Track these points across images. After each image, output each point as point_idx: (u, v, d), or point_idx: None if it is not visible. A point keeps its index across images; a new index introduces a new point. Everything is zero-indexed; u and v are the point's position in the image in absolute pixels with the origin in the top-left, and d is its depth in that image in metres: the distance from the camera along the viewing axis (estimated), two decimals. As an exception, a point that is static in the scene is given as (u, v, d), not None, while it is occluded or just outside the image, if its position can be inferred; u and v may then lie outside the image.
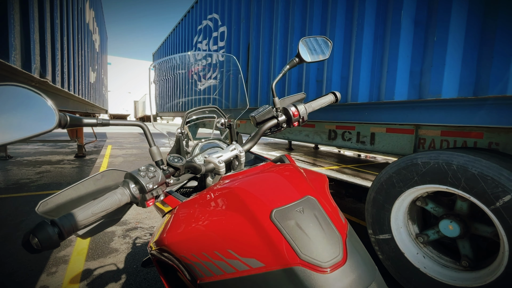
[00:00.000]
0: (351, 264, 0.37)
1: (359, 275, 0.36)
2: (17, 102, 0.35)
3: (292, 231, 0.38)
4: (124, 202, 0.45)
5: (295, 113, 0.74)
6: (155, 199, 0.49)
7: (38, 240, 0.35)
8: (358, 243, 0.42)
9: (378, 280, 0.38)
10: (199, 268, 0.43)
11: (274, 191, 0.44)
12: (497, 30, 1.24)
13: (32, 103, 0.36)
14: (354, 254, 0.38)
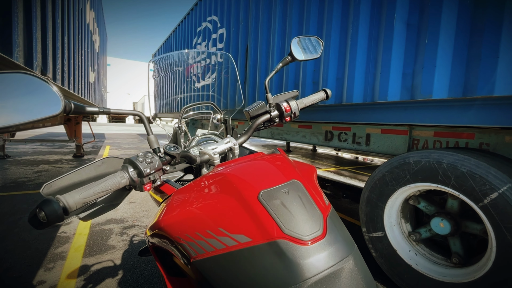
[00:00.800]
0: (330, 238, 0.40)
1: (337, 248, 0.40)
2: (26, 88, 0.38)
3: (277, 209, 0.41)
4: (123, 184, 0.48)
5: (287, 108, 0.78)
6: (152, 184, 0.52)
7: (45, 213, 0.38)
8: (338, 222, 0.45)
9: (355, 254, 0.41)
10: (192, 247, 0.46)
11: (262, 176, 0.47)
12: (484, 33, 1.29)
13: (40, 90, 0.39)
14: (333, 231, 0.42)
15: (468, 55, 1.37)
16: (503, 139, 1.69)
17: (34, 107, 0.39)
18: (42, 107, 0.39)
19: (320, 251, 0.38)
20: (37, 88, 0.39)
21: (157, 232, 0.57)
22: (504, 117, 1.28)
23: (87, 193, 0.43)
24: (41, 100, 0.39)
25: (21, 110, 0.38)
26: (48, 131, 12.22)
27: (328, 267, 0.37)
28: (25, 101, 0.38)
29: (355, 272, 0.39)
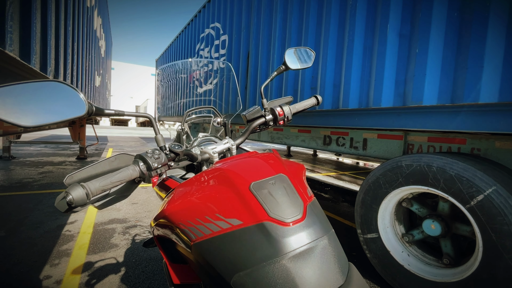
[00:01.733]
0: (308, 221, 0.47)
1: (314, 229, 0.47)
2: (58, 94, 0.46)
3: (265, 197, 0.48)
4: (135, 176, 0.55)
5: (280, 112, 0.86)
6: (159, 177, 0.60)
7: (72, 197, 0.46)
8: (318, 209, 0.52)
9: (330, 236, 0.48)
10: (192, 231, 0.53)
11: (254, 170, 0.55)
12: (470, 45, 1.37)
13: (69, 95, 0.48)
14: (312, 216, 0.49)
15: (456, 65, 1.45)
16: (493, 145, 1.76)
17: (64, 109, 0.47)
18: (70, 109, 0.47)
19: (299, 231, 0.45)
20: (67, 94, 0.47)
21: (161, 221, 0.65)
22: (489, 123, 1.35)
23: (105, 182, 0.50)
24: (70, 103, 0.47)
25: (54, 111, 0.46)
26: (52, 134, 12.38)
27: (304, 244, 0.44)
28: (57, 104, 0.46)
29: (328, 249, 0.46)
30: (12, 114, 0.42)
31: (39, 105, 0.45)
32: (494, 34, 1.29)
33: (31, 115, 0.44)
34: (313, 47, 2.44)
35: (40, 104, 0.45)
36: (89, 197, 0.48)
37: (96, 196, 0.52)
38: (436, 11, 1.52)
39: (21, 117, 0.43)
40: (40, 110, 0.45)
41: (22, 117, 0.43)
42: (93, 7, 3.41)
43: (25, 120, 0.43)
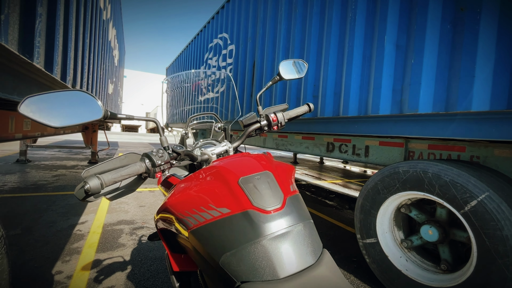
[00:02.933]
0: (287, 210, 0.54)
1: (291, 217, 0.54)
2: (80, 100, 0.56)
3: (250, 189, 0.56)
4: (141, 171, 0.64)
5: (274, 119, 0.94)
6: (162, 173, 0.68)
7: (89, 186, 0.54)
8: (298, 202, 0.59)
9: (306, 223, 0.55)
10: (190, 220, 0.61)
11: (243, 167, 0.62)
12: (462, 55, 1.43)
13: (89, 102, 0.57)
14: (291, 206, 0.56)
15: (449, 74, 1.50)
16: (492, 152, 1.78)
17: (85, 113, 0.56)
18: (90, 114, 0.57)
19: (277, 218, 0.53)
20: (87, 101, 0.57)
21: (163, 214, 0.73)
22: (481, 131, 1.39)
23: (116, 175, 0.59)
24: (90, 109, 0.57)
25: (77, 115, 0.55)
26: (65, 139, 12.81)
27: (282, 228, 0.51)
28: (79, 109, 0.56)
29: (302, 234, 0.53)
30: (44, 117, 0.52)
31: (65, 110, 0.55)
32: (484, 45, 1.35)
33: (59, 118, 0.53)
34: (315, 57, 2.54)
35: (66, 109, 0.54)
36: (103, 187, 0.57)
37: (108, 186, 0.61)
38: (430, 23, 1.59)
39: (51, 119, 0.52)
40: (66, 114, 0.54)
41: (52, 119, 0.52)
42: (109, 20, 3.63)
43: (54, 121, 0.53)
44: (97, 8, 2.53)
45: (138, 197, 3.69)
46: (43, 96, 0.52)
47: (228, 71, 4.53)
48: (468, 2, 1.42)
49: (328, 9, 2.37)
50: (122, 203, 3.37)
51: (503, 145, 1.71)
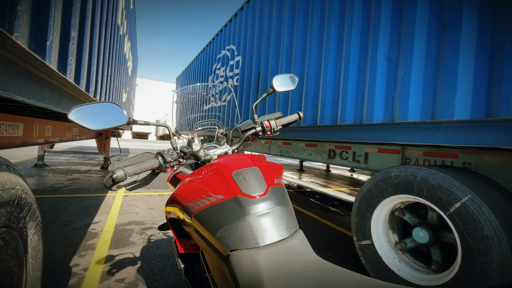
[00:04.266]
0: (268, 196, 0.68)
1: (272, 201, 0.68)
2: (110, 110, 0.73)
3: (240, 180, 0.70)
4: (155, 166, 0.80)
5: (267, 125, 1.09)
6: (171, 168, 0.84)
7: (116, 175, 0.70)
8: (280, 192, 0.73)
9: (284, 207, 0.68)
10: (193, 206, 0.76)
11: (237, 163, 0.77)
12: (446, 68, 1.56)
13: (117, 111, 0.74)
14: (272, 194, 0.70)
15: (434, 86, 1.63)
16: (482, 159, 1.87)
17: (114, 119, 0.73)
18: (117, 120, 0.74)
19: (260, 202, 0.67)
20: (116, 110, 0.74)
21: (171, 205, 0.88)
22: (464, 138, 1.50)
23: (136, 168, 0.75)
24: (117, 116, 0.74)
25: (108, 120, 0.72)
26: (78, 145, 13.30)
27: (263, 210, 0.65)
28: (110, 116, 0.72)
29: (280, 215, 0.66)
30: (85, 122, 0.68)
31: (100, 117, 0.71)
32: (464, 59, 1.48)
33: (95, 123, 0.70)
34: (315, 68, 2.69)
35: (100, 116, 0.71)
36: (126, 177, 0.72)
37: (128, 179, 0.77)
38: (417, 39, 1.72)
39: (90, 124, 0.69)
40: (100, 120, 0.71)
41: (91, 124, 0.69)
42: (125, 34, 3.91)
43: (92, 125, 0.69)
44: (115, 25, 2.78)
45: (147, 200, 3.87)
46: (84, 107, 0.69)
47: (234, 81, 4.74)
48: (450, 20, 1.56)
49: (327, 24, 2.54)
50: (133, 205, 3.55)
51: (493, 152, 1.80)
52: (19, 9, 0.70)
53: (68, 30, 1.17)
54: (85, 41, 1.45)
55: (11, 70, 0.81)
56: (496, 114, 1.34)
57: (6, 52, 0.74)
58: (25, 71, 0.90)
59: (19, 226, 0.84)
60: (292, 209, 0.73)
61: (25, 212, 0.86)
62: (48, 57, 0.95)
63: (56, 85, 1.23)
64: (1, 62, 0.74)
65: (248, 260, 0.58)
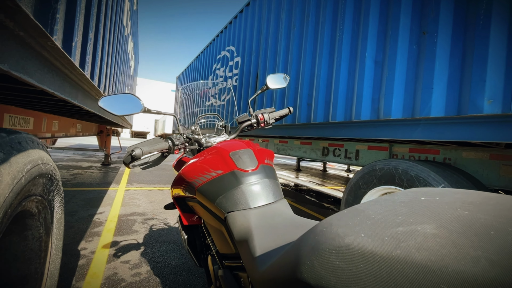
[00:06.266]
0: (259, 171, 0.84)
1: (262, 175, 0.83)
2: (129, 99, 0.89)
3: (236, 158, 0.86)
4: (166, 148, 0.95)
5: (261, 118, 1.25)
6: (178, 151, 1.00)
7: (135, 152, 0.85)
8: (269, 169, 0.89)
9: (271, 180, 0.84)
10: (196, 181, 0.91)
11: (233, 146, 0.93)
12: (424, 70, 1.73)
13: (134, 100, 0.90)
14: (262, 169, 0.85)
15: (414, 86, 1.79)
16: (461, 155, 2.04)
17: (133, 107, 0.89)
18: (135, 108, 0.89)
19: (252, 175, 0.82)
20: (134, 100, 0.89)
21: (177, 184, 1.03)
22: (439, 133, 1.67)
23: (151, 148, 0.90)
24: (135, 105, 0.89)
25: (128, 108, 0.88)
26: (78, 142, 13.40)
27: (254, 181, 0.81)
28: (129, 104, 0.88)
29: (267, 184, 0.82)
30: (111, 108, 0.84)
31: (122, 105, 0.87)
32: (440, 63, 1.65)
33: (119, 110, 0.86)
34: (309, 69, 2.86)
35: (122, 104, 0.87)
36: (143, 154, 0.88)
37: (144, 157, 0.92)
38: (400, 43, 1.89)
39: (115, 110, 0.85)
40: (122, 107, 0.87)
41: (115, 110, 0.85)
42: (129, 34, 4.06)
43: (117, 112, 0.85)
44: (121, 26, 2.94)
45: (148, 194, 4.02)
46: (109, 97, 0.85)
47: (234, 81, 4.91)
48: (429, 27, 1.73)
49: (321, 29, 2.70)
50: (135, 199, 3.69)
51: (470, 148, 1.97)
52: (57, 16, 0.86)
53: (87, 32, 1.32)
54: (98, 41, 1.61)
55: (45, 66, 0.97)
56: (465, 112, 1.51)
57: (45, 51, 0.90)
58: (55, 67, 1.05)
59: (49, 198, 1.00)
60: (278, 183, 0.89)
61: (54, 186, 1.01)
62: (73, 55, 1.11)
63: (75, 81, 1.39)
64: (40, 60, 0.89)
65: (241, 218, 0.74)
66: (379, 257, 0.27)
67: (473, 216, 0.27)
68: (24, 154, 0.76)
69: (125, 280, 1.70)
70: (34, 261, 1.02)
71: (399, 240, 0.27)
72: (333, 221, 0.36)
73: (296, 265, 0.36)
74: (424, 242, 0.26)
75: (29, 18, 0.66)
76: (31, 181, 0.77)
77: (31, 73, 0.85)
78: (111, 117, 3.21)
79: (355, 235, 0.31)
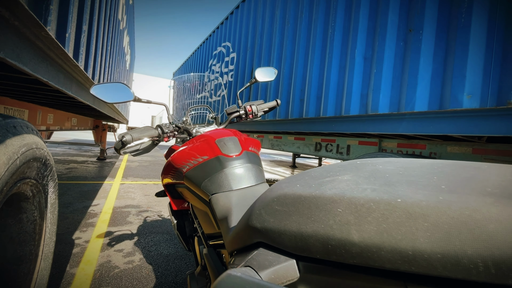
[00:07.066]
0: (242, 156, 0.89)
1: (245, 160, 0.88)
2: (120, 88, 0.93)
3: (222, 145, 0.91)
4: (155, 135, 1.00)
5: (249, 109, 1.30)
6: (168, 139, 1.04)
7: (125, 138, 0.90)
8: (253, 155, 0.94)
9: (255, 165, 0.90)
10: (184, 167, 0.96)
11: (220, 134, 0.98)
12: (410, 67, 1.79)
13: (125, 89, 0.94)
14: (245, 155, 0.91)
15: (400, 82, 1.86)
16: (445, 149, 2.12)
17: (124, 95, 0.93)
18: (126, 96, 0.94)
19: (235, 159, 0.88)
20: (125, 89, 0.94)
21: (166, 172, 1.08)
22: (422, 127, 1.73)
23: (141, 134, 0.95)
24: (126, 93, 0.94)
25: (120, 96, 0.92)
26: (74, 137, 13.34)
27: (237, 165, 0.87)
28: (121, 93, 0.93)
29: (249, 169, 0.87)
30: (103, 96, 0.89)
31: (113, 93, 0.92)
32: (424, 59, 1.71)
33: (110, 98, 0.91)
34: (302, 65, 2.91)
35: (113, 93, 0.92)
36: (133, 141, 0.93)
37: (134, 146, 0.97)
38: (388, 41, 1.95)
39: (106, 98, 0.90)
40: (113, 95, 0.91)
41: (107, 98, 0.90)
42: (124, 28, 4.07)
43: (108, 99, 0.90)
44: (116, 19, 2.96)
45: (143, 188, 4.06)
46: (101, 85, 0.90)
47: (229, 77, 4.94)
48: (415, 24, 1.79)
49: (314, 25, 2.75)
50: (129, 192, 3.73)
51: (454, 143, 2.05)
52: (51, 7, 0.90)
53: (81, 24, 1.36)
54: (92, 34, 1.64)
55: (39, 56, 1.01)
56: (447, 106, 1.57)
57: (39, 41, 0.94)
58: (48, 58, 1.09)
59: (43, 182, 1.04)
60: (262, 169, 0.94)
61: (48, 172, 1.06)
62: (67, 46, 1.15)
63: (69, 72, 1.42)
64: (34, 50, 0.93)
65: (224, 199, 0.80)
66: (304, 198, 0.34)
67: (384, 169, 0.33)
68: (19, 137, 0.80)
69: (118, 267, 1.75)
70: (28, 243, 1.07)
71: (320, 185, 0.35)
72: (283, 180, 0.43)
73: (249, 216, 0.43)
74: (337, 184, 0.33)
75: (23, 8, 0.71)
76: (25, 163, 0.82)
77: (26, 61, 0.89)
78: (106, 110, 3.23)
79: (292, 186, 0.38)
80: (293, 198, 0.37)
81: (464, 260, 0.23)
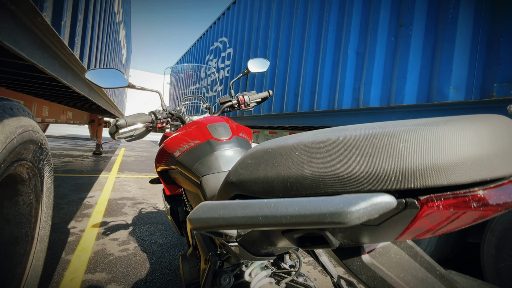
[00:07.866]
0: (232, 140, 0.93)
1: (235, 143, 0.92)
2: (117, 75, 0.96)
3: (213, 130, 0.95)
4: (149, 121, 1.03)
5: (242, 99, 1.34)
6: (161, 125, 1.08)
7: (119, 122, 0.93)
8: (243, 140, 0.98)
9: (245, 150, 0.94)
10: (176, 152, 1.00)
11: (211, 120, 1.01)
12: (400, 61, 1.83)
13: (119, 76, 0.97)
14: (235, 140, 0.95)
15: (391, 76, 1.90)
16: (434, 143, 2.17)
17: (118, 81, 0.96)
18: (120, 82, 0.97)
19: (226, 143, 0.91)
20: (119, 75, 0.97)
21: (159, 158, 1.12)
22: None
23: (135, 120, 0.98)
24: (121, 80, 0.97)
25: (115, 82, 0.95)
26: (70, 132, 13.26)
27: (227, 148, 0.91)
28: (116, 79, 0.96)
29: (238, 151, 0.91)
30: (98, 81, 0.92)
31: (108, 79, 0.95)
32: (413, 54, 1.75)
33: (104, 82, 0.94)
34: (297, 60, 2.94)
35: (108, 78, 0.94)
36: (127, 125, 0.96)
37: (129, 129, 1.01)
38: (380, 36, 1.99)
39: (101, 83, 0.92)
40: (108, 81, 0.94)
41: (102, 83, 0.93)
42: (120, 22, 4.06)
43: (103, 84, 0.93)
44: (112, 12, 2.96)
45: (139, 181, 4.08)
46: (96, 70, 0.93)
47: (226, 72, 4.96)
48: (405, 20, 1.83)
49: (308, 21, 2.78)
50: (125, 185, 3.76)
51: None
52: (47, -6, 0.92)
53: (76, 13, 1.38)
54: (88, 24, 1.66)
55: (35, 42, 1.03)
56: (434, 99, 1.62)
57: (34, 27, 0.96)
58: (44, 44, 1.11)
59: (39, 166, 1.07)
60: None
61: (44, 156, 1.08)
62: (63, 34, 1.17)
63: (65, 61, 1.44)
64: (30, 36, 0.96)
65: (213, 180, 0.84)
66: (271, 149, 0.40)
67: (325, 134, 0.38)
68: (16, 119, 0.83)
69: (113, 254, 1.79)
70: (24, 225, 1.10)
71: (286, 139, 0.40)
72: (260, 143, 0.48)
73: (228, 174, 0.48)
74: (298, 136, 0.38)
75: (20, -8, 0.73)
76: (22, 144, 0.85)
77: (22, 46, 0.91)
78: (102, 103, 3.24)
79: (264, 144, 0.43)
80: (262, 151, 0.42)
81: (381, 173, 0.28)
